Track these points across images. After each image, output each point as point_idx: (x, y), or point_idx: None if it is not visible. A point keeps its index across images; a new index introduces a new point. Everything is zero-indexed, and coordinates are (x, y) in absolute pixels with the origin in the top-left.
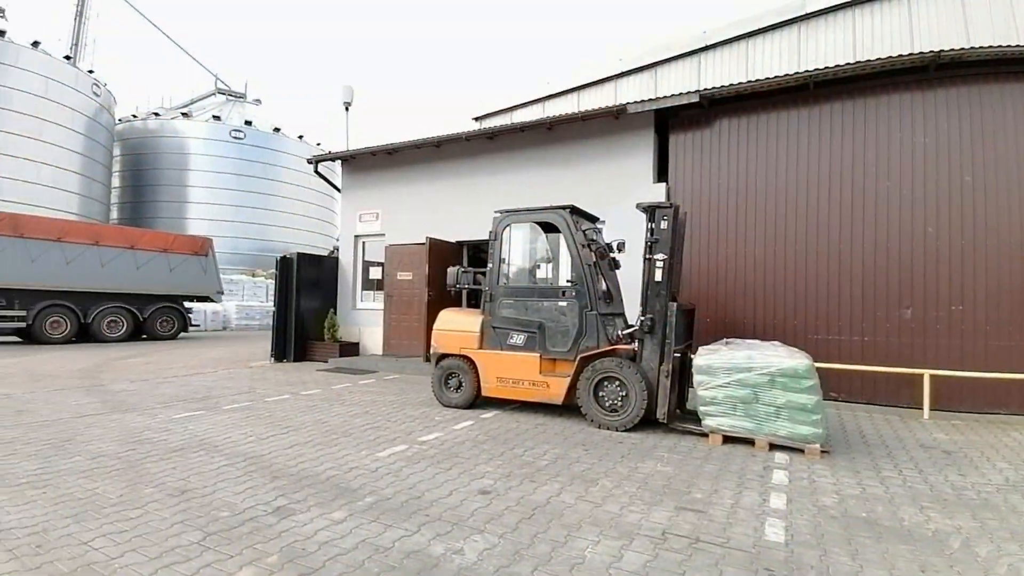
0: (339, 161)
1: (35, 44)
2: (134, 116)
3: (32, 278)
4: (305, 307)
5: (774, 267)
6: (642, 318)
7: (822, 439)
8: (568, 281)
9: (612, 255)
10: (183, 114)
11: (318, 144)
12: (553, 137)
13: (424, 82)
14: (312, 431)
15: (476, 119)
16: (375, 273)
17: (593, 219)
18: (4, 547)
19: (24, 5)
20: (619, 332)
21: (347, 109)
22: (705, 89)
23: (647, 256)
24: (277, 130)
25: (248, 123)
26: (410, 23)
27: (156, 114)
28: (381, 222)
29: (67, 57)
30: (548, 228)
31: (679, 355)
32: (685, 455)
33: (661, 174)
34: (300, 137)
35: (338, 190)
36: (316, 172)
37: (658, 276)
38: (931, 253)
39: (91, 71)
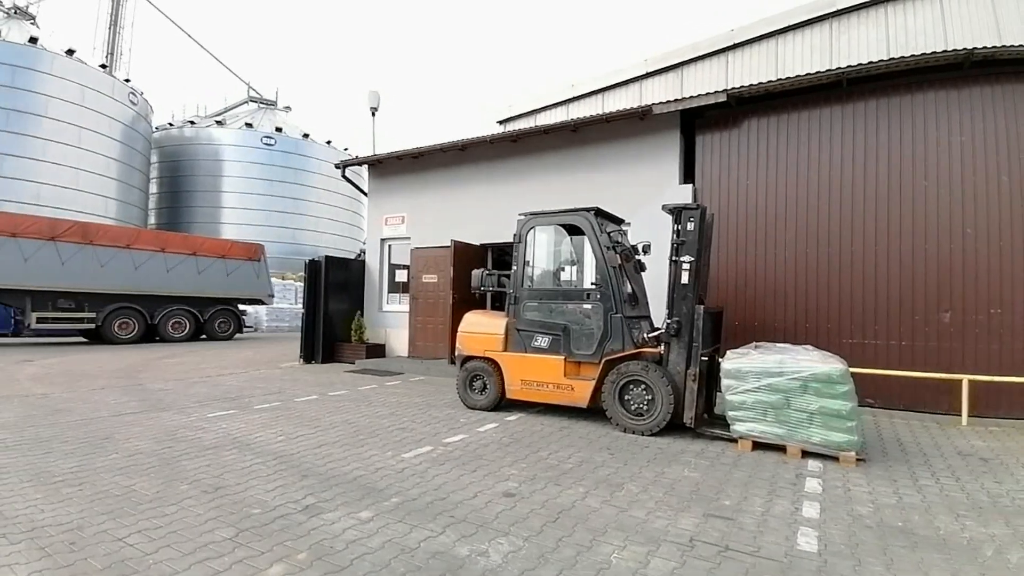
0: (366, 165)
1: (70, 52)
2: (170, 124)
3: (101, 282)
4: (333, 309)
5: (806, 269)
6: (668, 321)
7: (857, 446)
8: (593, 283)
9: (637, 257)
10: (217, 122)
11: (345, 149)
12: (577, 139)
13: (449, 86)
14: (340, 431)
15: (500, 122)
16: (401, 276)
17: (618, 221)
18: (37, 545)
19: (55, 14)
20: (645, 335)
21: (373, 114)
22: (733, 88)
23: (673, 258)
24: (306, 136)
25: (279, 130)
26: (435, 28)
27: (192, 122)
28: (407, 225)
29: (103, 66)
30: (573, 230)
31: (707, 359)
32: (713, 461)
33: (687, 175)
34: (328, 142)
35: (365, 194)
36: (343, 176)
37: (684, 279)
38: (969, 255)
39: (127, 80)
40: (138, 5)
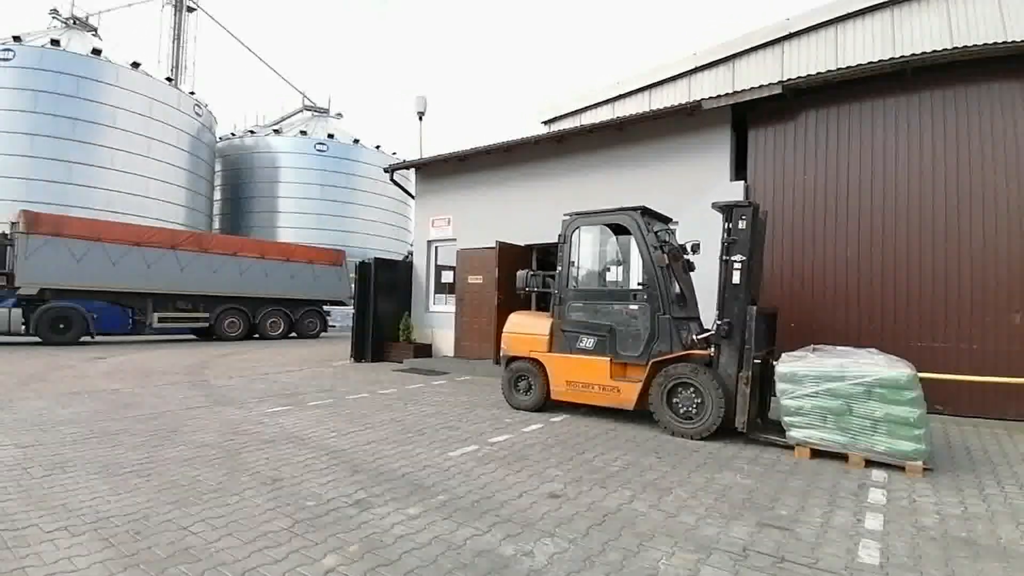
0: (413, 169)
1: (135, 65)
2: (233, 134)
3: (213, 286)
4: (382, 310)
5: (870, 268)
6: (719, 322)
7: (925, 456)
8: (639, 284)
9: (686, 257)
10: (275, 131)
11: (394, 153)
12: (623, 137)
13: (495, 88)
14: (388, 429)
15: (545, 122)
16: (447, 277)
17: (665, 220)
18: (100, 536)
19: (115, 26)
20: (694, 336)
21: (420, 118)
22: (789, 79)
23: (724, 257)
24: (356, 141)
25: (331, 136)
26: (481, 31)
27: (252, 131)
28: (453, 227)
29: (168, 79)
30: (618, 230)
31: (760, 362)
32: (768, 468)
33: (739, 171)
34: (377, 147)
35: (412, 196)
36: (392, 180)
37: (736, 278)
38: None
39: (192, 92)
40: (199, 19)
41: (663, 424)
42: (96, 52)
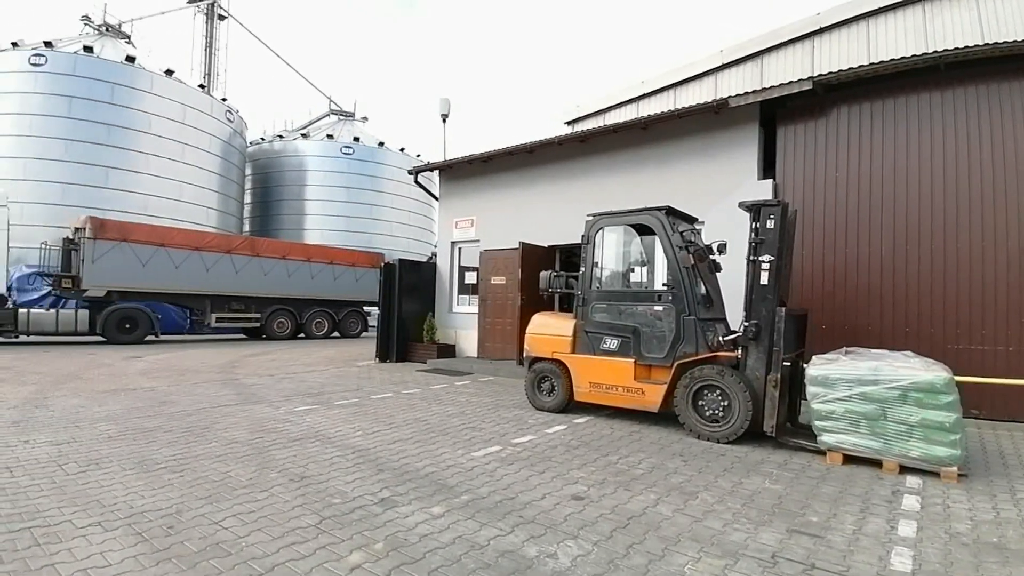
0: (437, 171)
1: (168, 72)
2: (262, 139)
3: (264, 288)
4: (406, 310)
5: (905, 269)
6: (746, 324)
7: (959, 461)
8: (664, 285)
9: (712, 257)
10: (302, 135)
11: (418, 155)
12: (647, 137)
13: (518, 89)
14: (413, 428)
15: (568, 123)
16: (470, 278)
17: (691, 220)
18: (134, 530)
19: (148, 34)
20: (720, 338)
21: (444, 121)
22: (820, 75)
23: (751, 258)
24: (381, 144)
25: (356, 139)
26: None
27: (280, 136)
28: (476, 228)
29: (201, 86)
30: (643, 230)
31: (789, 364)
32: (798, 473)
33: (767, 170)
34: (402, 149)
35: (436, 198)
36: (416, 182)
37: (764, 279)
38: None
39: (224, 99)
40: (230, 27)
41: (688, 427)
42: (130, 59)
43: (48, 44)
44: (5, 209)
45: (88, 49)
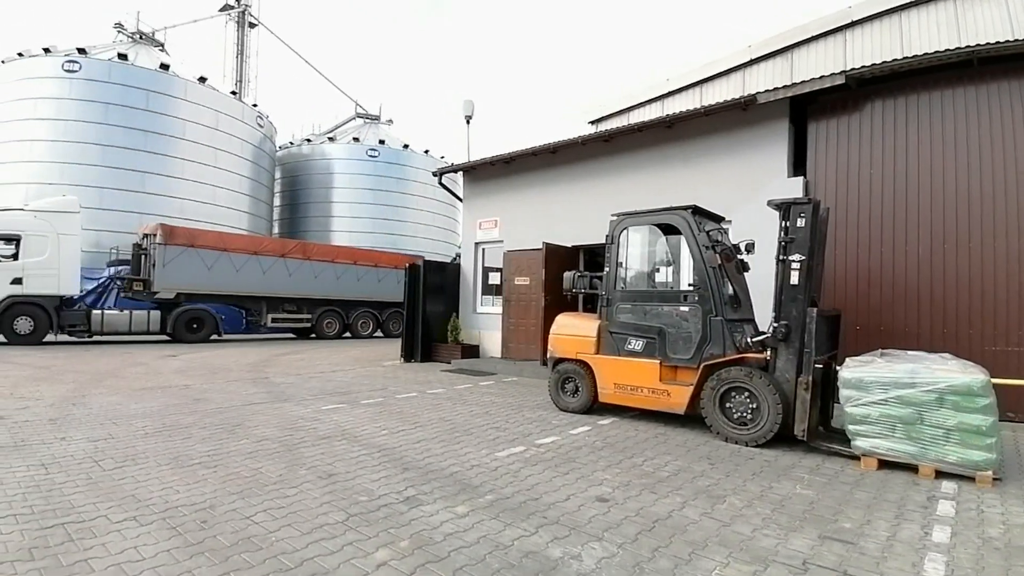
0: (461, 172)
1: (201, 80)
2: (291, 143)
3: (315, 289)
4: (430, 311)
5: (943, 268)
6: (775, 325)
7: (994, 465)
8: (690, 285)
9: (739, 257)
10: (329, 138)
11: (442, 157)
12: (673, 135)
13: (541, 89)
14: (437, 428)
15: (592, 122)
16: (494, 278)
17: (718, 219)
18: (168, 524)
19: (180, 41)
20: (748, 339)
21: (468, 122)
22: (853, 69)
23: (781, 257)
24: (406, 147)
25: (381, 142)
26: (528, 32)
27: (308, 140)
28: (499, 229)
29: (233, 93)
30: (668, 230)
31: (821, 366)
32: (830, 479)
33: (797, 167)
34: (426, 151)
35: (460, 199)
36: (440, 184)
37: (794, 279)
38: None
39: (255, 105)
40: (260, 35)
41: (715, 429)
42: (164, 67)
43: (81, 51)
44: (78, 215)
45: (123, 56)
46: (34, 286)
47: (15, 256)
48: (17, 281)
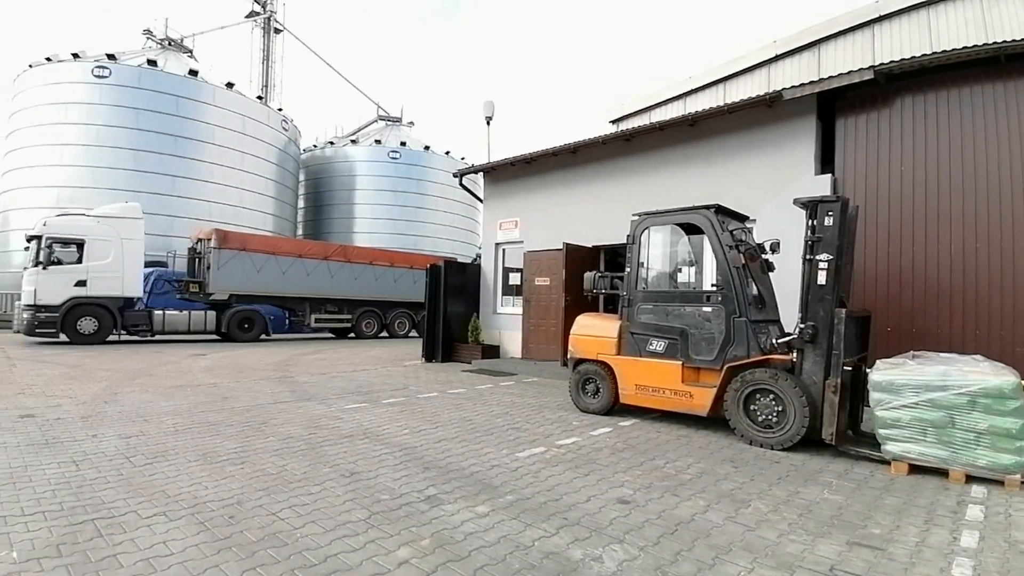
0: (481, 173)
1: (229, 85)
2: (315, 146)
3: (355, 291)
4: (451, 311)
5: (976, 269)
6: (802, 326)
7: (1023, 468)
8: (713, 285)
9: (764, 257)
10: (352, 141)
11: (463, 158)
12: (695, 134)
13: (562, 88)
14: (458, 428)
15: (613, 121)
16: (514, 279)
17: (741, 218)
18: (197, 520)
19: (208, 47)
20: (773, 340)
21: (488, 123)
22: (882, 64)
23: (808, 257)
24: (427, 148)
25: (403, 144)
26: (548, 31)
27: (331, 143)
28: (520, 229)
29: (259, 98)
30: (691, 230)
31: (850, 369)
32: (859, 484)
33: (825, 165)
34: (447, 153)
35: (480, 200)
36: (461, 184)
37: (821, 279)
38: None
39: (280, 109)
40: (285, 40)
41: (739, 432)
42: (193, 73)
43: (111, 57)
44: (140, 221)
45: (152, 63)
46: (98, 288)
47: (79, 260)
48: (81, 283)
